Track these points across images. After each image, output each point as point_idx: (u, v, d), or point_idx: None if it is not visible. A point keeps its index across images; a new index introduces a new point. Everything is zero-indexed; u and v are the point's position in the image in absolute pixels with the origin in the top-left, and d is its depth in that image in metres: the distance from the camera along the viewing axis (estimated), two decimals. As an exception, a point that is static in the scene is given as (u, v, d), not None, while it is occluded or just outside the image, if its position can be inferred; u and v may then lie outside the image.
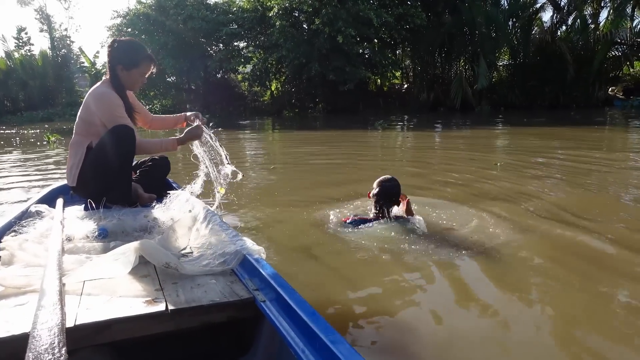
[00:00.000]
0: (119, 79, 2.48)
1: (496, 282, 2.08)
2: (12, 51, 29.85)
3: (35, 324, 0.95)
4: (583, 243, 2.59)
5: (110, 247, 1.66)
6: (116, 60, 2.45)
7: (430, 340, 1.60)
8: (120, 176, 2.41)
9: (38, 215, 2.04)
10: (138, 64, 2.47)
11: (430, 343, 1.58)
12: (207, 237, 1.72)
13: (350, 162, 6.39)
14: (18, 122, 23.80)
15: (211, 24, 23.37)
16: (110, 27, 25.35)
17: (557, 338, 1.63)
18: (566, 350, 1.55)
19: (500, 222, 2.95)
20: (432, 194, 3.88)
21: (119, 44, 2.47)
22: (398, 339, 1.60)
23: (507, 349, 1.55)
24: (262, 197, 4.09)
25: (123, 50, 2.47)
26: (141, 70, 2.49)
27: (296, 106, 24.82)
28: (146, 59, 2.50)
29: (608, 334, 1.64)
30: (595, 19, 20.68)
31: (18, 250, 1.56)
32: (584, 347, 1.57)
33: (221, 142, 2.47)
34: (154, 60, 2.55)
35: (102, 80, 2.54)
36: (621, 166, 5.30)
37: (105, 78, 2.53)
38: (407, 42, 23.37)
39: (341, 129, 13.45)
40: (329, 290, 2.03)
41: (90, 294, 1.32)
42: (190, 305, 1.26)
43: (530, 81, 20.48)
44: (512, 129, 12.08)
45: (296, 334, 1.09)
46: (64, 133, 13.41)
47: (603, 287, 2.02)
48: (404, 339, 1.61)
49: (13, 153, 9.04)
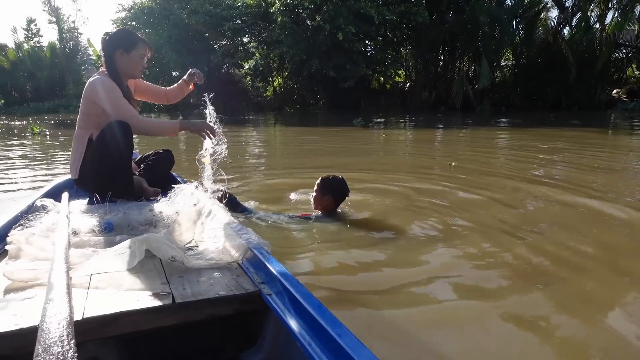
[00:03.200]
0: (116, 68, 2.52)
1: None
2: (21, 42, 30.08)
3: (44, 317, 0.95)
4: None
5: (116, 241, 1.67)
6: (115, 46, 2.50)
7: (441, 333, 1.61)
8: (120, 169, 2.42)
9: (44, 209, 2.04)
10: (136, 45, 2.52)
11: (441, 335, 1.59)
12: (212, 230, 1.72)
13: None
14: (24, 112, 23.86)
15: (215, 19, 23.41)
16: (115, 21, 25.49)
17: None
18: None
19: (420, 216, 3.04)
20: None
21: (113, 33, 2.54)
22: (405, 329, 1.61)
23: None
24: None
25: (119, 35, 2.54)
26: (140, 51, 2.54)
27: (298, 102, 24.87)
28: (141, 41, 2.56)
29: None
30: (601, 21, 20.64)
31: (25, 244, 1.56)
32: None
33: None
34: (147, 42, 2.61)
35: (96, 74, 2.55)
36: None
37: (101, 70, 2.56)
38: (410, 40, 23.35)
39: (324, 126, 14.21)
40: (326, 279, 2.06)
41: (97, 288, 1.33)
42: (197, 298, 1.26)
43: (532, 82, 20.48)
44: (488, 129, 12.07)
45: (302, 327, 1.09)
46: (66, 125, 13.40)
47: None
48: (411, 329, 1.61)
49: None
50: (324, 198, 2.90)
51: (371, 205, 3.31)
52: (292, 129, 13.85)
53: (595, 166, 5.26)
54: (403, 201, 3.49)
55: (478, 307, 1.82)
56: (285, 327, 1.14)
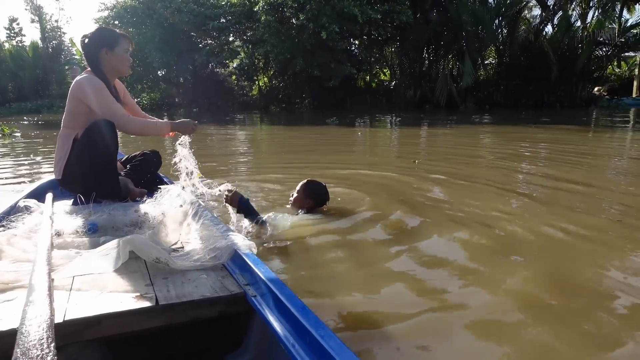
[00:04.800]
0: (101, 68, 2.50)
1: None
2: (2, 42, 29.57)
3: (23, 319, 0.95)
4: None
5: (100, 242, 1.66)
6: (98, 46, 2.47)
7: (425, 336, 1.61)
8: (105, 169, 2.39)
9: (27, 210, 2.02)
10: (118, 41, 2.51)
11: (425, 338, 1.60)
12: (198, 231, 1.72)
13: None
14: (5, 113, 23.39)
15: (199, 18, 23.25)
16: (97, 20, 25.10)
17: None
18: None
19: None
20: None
21: (92, 33, 2.52)
22: (388, 333, 1.62)
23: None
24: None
25: (100, 34, 2.53)
26: (123, 46, 2.53)
27: (284, 101, 24.82)
28: (121, 36, 2.55)
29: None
30: (583, 19, 20.97)
31: (6, 246, 1.54)
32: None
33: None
34: (127, 35, 2.60)
35: (83, 73, 2.52)
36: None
37: (87, 70, 2.52)
38: (394, 39, 23.45)
39: (301, 124, 14.40)
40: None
41: (80, 289, 1.31)
42: (181, 300, 1.26)
43: (515, 80, 20.73)
44: (469, 128, 12.22)
45: (287, 328, 1.10)
46: (40, 126, 13.12)
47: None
48: (395, 332, 1.62)
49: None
50: (305, 201, 3.01)
51: (348, 202, 3.40)
52: (272, 127, 13.95)
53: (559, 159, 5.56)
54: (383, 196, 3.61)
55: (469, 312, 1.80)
56: (270, 328, 1.14)
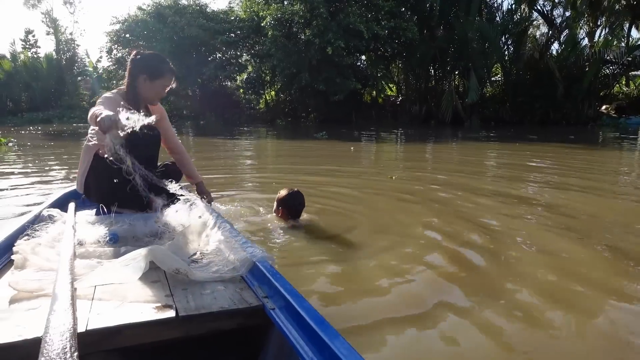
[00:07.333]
0: (136, 90, 2.49)
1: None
2: (18, 53, 30.02)
3: (47, 328, 0.96)
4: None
5: (121, 252, 1.67)
6: (140, 70, 2.45)
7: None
8: (126, 180, 2.40)
9: (50, 219, 2.03)
10: (163, 74, 2.49)
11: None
12: (217, 243, 1.73)
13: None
14: (18, 122, 23.64)
15: (208, 32, 23.49)
16: (109, 33, 25.37)
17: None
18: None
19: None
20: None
21: (144, 55, 2.50)
22: (411, 348, 1.62)
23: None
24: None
25: (149, 60, 2.49)
26: (164, 81, 2.51)
27: (290, 115, 24.93)
28: (170, 72, 2.52)
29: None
30: (590, 37, 21.00)
31: (31, 254, 1.56)
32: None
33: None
34: (175, 73, 2.57)
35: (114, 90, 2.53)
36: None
37: (120, 88, 2.53)
38: (400, 55, 23.59)
39: (291, 139, 14.52)
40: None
41: (101, 299, 1.33)
42: (200, 311, 1.26)
43: (521, 97, 20.70)
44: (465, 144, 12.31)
45: (305, 342, 1.10)
46: (55, 136, 13.17)
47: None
48: (417, 349, 1.62)
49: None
50: (278, 210, 3.15)
51: (335, 214, 3.54)
52: (271, 141, 13.95)
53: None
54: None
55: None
56: (288, 341, 1.14)
